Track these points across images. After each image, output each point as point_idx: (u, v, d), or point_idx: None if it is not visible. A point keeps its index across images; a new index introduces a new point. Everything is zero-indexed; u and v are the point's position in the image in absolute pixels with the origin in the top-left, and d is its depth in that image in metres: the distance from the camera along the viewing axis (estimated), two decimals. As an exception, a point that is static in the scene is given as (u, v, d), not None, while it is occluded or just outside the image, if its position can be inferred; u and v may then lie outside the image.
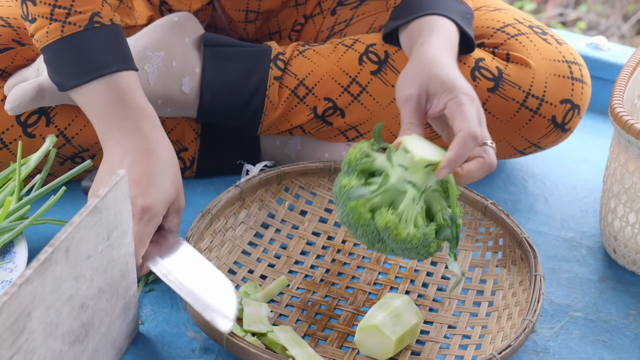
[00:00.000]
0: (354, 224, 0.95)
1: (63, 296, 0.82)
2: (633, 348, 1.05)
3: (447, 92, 0.99)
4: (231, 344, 0.92)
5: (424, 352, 1.01)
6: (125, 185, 0.90)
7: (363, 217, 0.93)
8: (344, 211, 0.95)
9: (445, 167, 0.93)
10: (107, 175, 1.01)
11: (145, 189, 0.99)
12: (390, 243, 0.94)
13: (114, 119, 1.02)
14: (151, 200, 0.99)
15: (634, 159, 1.08)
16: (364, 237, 0.96)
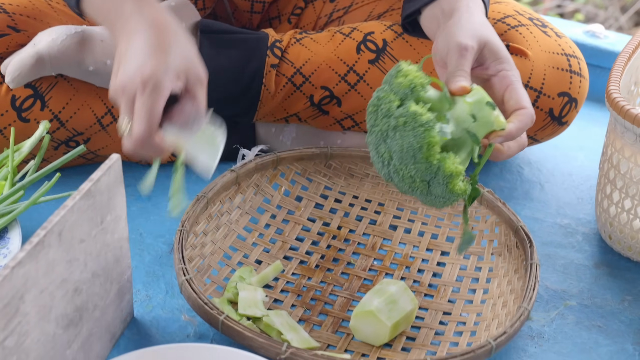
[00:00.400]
0: (416, 157, 0.89)
1: (56, 280, 0.81)
2: (628, 333, 1.05)
3: (500, 61, 0.97)
4: (226, 327, 0.92)
5: (418, 338, 1.01)
6: (119, 169, 0.90)
7: (433, 155, 0.88)
8: (413, 139, 0.89)
9: (503, 136, 0.92)
10: (116, 65, 0.94)
11: (143, 61, 0.90)
12: (436, 188, 0.90)
13: (123, 9, 0.95)
14: (150, 69, 0.89)
15: (630, 145, 1.08)
16: (411, 171, 0.90)
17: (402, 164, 0.91)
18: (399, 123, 0.90)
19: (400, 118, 0.90)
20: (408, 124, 0.89)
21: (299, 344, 0.96)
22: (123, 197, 0.92)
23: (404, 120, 0.89)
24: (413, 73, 0.92)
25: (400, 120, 0.90)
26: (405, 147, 0.89)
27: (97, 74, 1.16)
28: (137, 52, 0.90)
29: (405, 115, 0.89)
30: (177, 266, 0.98)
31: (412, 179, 0.91)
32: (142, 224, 1.16)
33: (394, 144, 0.91)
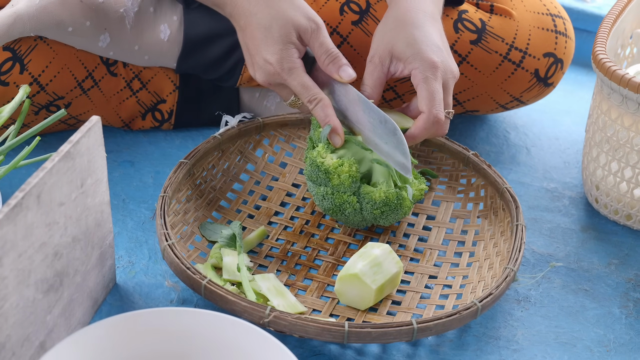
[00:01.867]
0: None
1: (35, 243, 0.80)
2: (614, 296, 1.05)
3: (412, 58, 1.02)
4: (209, 292, 0.91)
5: (404, 302, 1.00)
6: (99, 132, 0.88)
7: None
8: None
9: None
10: (248, 56, 1.06)
11: (267, 53, 1.02)
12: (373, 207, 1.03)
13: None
14: (276, 59, 1.02)
15: (617, 106, 1.07)
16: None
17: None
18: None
19: None
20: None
21: (286, 309, 0.95)
22: (103, 160, 0.91)
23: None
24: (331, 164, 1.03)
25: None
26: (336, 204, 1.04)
27: (77, 35, 1.14)
28: (260, 42, 1.02)
29: None
30: (159, 232, 0.97)
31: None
32: (124, 189, 1.15)
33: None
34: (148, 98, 1.22)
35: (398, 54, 1.03)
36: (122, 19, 1.15)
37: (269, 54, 1.01)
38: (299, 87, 1.02)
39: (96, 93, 1.19)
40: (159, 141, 1.24)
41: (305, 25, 1.02)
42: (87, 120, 0.87)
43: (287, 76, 1.01)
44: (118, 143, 1.23)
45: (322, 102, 1.02)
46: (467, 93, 1.22)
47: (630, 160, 1.09)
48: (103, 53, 1.17)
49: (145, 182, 1.16)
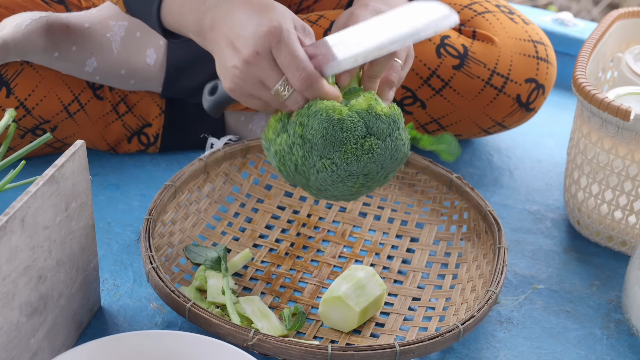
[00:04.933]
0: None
1: (19, 266, 0.81)
2: (596, 317, 1.06)
3: (350, 13, 0.93)
4: (193, 315, 0.91)
5: (387, 324, 1.01)
6: (84, 156, 0.89)
7: (339, 110, 0.87)
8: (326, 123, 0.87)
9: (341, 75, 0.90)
10: (229, 50, 0.89)
11: (257, 22, 0.86)
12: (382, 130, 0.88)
13: (208, 2, 0.92)
14: (267, 22, 0.86)
15: (597, 130, 1.08)
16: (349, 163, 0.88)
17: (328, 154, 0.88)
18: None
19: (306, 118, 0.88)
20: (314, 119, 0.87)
21: (270, 331, 0.96)
22: (88, 183, 0.91)
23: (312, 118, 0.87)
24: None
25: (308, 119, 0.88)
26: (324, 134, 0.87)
27: (63, 60, 1.15)
28: (245, 19, 0.87)
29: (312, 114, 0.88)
30: (144, 254, 0.97)
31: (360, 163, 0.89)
32: (110, 212, 1.15)
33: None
34: (134, 122, 1.23)
35: (344, 20, 0.94)
36: (108, 43, 1.17)
37: (256, 23, 0.86)
38: (288, 56, 0.86)
39: (82, 117, 1.20)
40: (145, 164, 1.25)
41: (299, 21, 0.91)
42: (73, 144, 0.88)
43: (278, 38, 0.85)
44: (104, 166, 1.23)
45: (311, 76, 0.87)
46: (450, 118, 1.24)
47: (610, 182, 1.10)
48: (89, 77, 1.18)
49: (131, 205, 1.17)
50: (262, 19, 0.86)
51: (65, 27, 1.14)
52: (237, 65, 0.88)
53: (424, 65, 1.20)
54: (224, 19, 0.90)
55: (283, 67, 0.86)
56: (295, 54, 0.86)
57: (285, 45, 0.85)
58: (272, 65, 0.87)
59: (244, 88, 0.89)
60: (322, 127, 0.86)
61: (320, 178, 0.89)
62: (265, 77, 0.87)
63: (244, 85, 0.89)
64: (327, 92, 0.88)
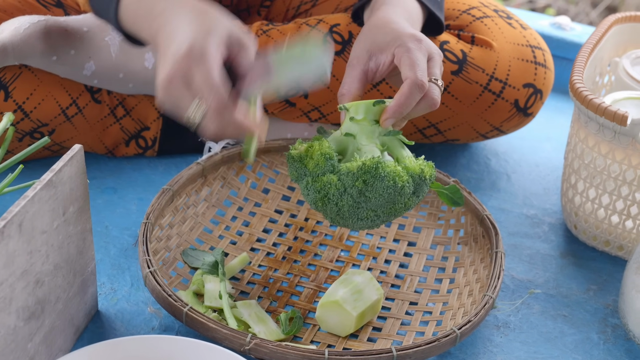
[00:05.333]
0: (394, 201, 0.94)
1: (17, 271, 0.81)
2: (593, 322, 1.06)
3: (393, 42, 0.96)
4: (190, 319, 0.91)
5: (385, 328, 1.01)
6: (81, 160, 0.89)
7: (402, 177, 0.93)
8: (387, 195, 0.93)
9: (388, 117, 0.94)
10: (160, 62, 0.87)
11: (179, 40, 0.85)
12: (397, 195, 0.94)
13: (157, 8, 0.91)
14: (188, 42, 0.84)
15: (594, 134, 1.09)
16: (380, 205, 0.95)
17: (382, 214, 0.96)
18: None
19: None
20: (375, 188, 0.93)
21: (267, 336, 0.96)
22: (86, 188, 0.91)
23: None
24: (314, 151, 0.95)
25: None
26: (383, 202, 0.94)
27: (61, 64, 1.15)
28: (173, 37, 0.86)
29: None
30: (141, 258, 0.97)
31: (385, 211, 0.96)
32: (107, 216, 1.15)
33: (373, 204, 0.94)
34: (132, 125, 1.23)
35: (377, 45, 0.97)
36: (106, 47, 1.17)
37: (182, 40, 0.85)
38: (202, 79, 0.84)
39: (80, 120, 1.20)
40: (143, 168, 1.25)
41: (237, 31, 0.89)
42: (71, 148, 0.88)
43: (195, 62, 0.84)
44: (102, 170, 1.24)
45: (218, 103, 0.84)
46: (448, 122, 1.24)
47: (607, 187, 1.10)
48: (87, 81, 1.18)
49: (129, 209, 1.17)
50: (188, 33, 0.85)
51: (63, 30, 1.14)
52: (158, 83, 0.87)
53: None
54: (163, 28, 0.89)
55: (198, 90, 0.84)
56: (208, 76, 0.83)
57: (200, 67, 0.84)
58: (185, 89, 0.85)
59: (167, 105, 0.88)
60: (387, 192, 0.93)
61: (358, 224, 0.97)
62: (179, 101, 0.86)
63: (168, 102, 0.87)
64: (240, 123, 0.85)
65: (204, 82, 0.83)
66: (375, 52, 0.97)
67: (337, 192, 0.93)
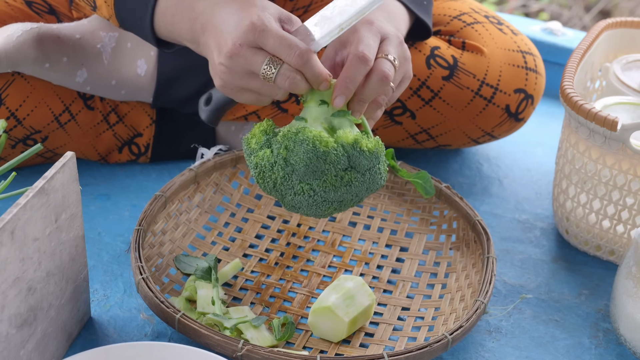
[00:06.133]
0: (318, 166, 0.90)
1: (9, 278, 0.81)
2: (584, 327, 1.06)
3: (350, 32, 0.94)
4: (182, 326, 0.91)
5: (377, 334, 1.01)
6: (73, 167, 0.89)
7: (325, 142, 0.89)
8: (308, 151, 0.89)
9: (337, 95, 0.90)
10: (216, 45, 0.92)
11: (238, 16, 0.90)
12: (360, 162, 0.91)
13: (197, 9, 0.95)
14: (249, 16, 0.89)
15: (584, 140, 1.09)
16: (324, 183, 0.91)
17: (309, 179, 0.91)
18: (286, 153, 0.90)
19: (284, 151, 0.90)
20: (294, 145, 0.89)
21: (259, 341, 0.96)
22: (78, 195, 0.92)
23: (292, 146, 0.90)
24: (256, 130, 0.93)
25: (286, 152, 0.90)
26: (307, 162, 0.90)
27: (54, 71, 1.15)
28: (228, 17, 0.91)
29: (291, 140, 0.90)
30: (133, 265, 0.98)
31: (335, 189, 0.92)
32: (100, 223, 1.16)
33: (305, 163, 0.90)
34: (125, 132, 1.24)
35: (340, 40, 0.96)
36: (99, 54, 1.17)
37: (239, 22, 0.89)
38: (276, 39, 0.88)
39: (73, 127, 1.20)
40: (136, 174, 1.25)
41: (280, 13, 0.93)
42: (63, 155, 0.88)
43: (261, 32, 0.88)
44: (95, 176, 1.24)
45: (302, 50, 0.88)
46: (440, 128, 1.25)
47: (598, 192, 1.11)
48: (80, 88, 1.18)
49: (122, 215, 1.17)
50: (242, 15, 0.89)
51: (56, 38, 1.15)
52: (222, 61, 0.90)
53: (414, 76, 1.21)
54: (211, 21, 0.93)
55: (274, 51, 0.88)
56: (283, 36, 0.88)
57: (270, 33, 0.88)
58: (255, 51, 0.89)
59: (233, 82, 0.92)
60: (307, 156, 0.89)
61: (296, 200, 0.92)
62: (250, 63, 0.89)
63: (232, 79, 0.91)
64: (320, 70, 0.89)
65: (280, 39, 0.88)
66: (339, 47, 0.97)
67: (269, 164, 0.91)
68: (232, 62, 0.90)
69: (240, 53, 0.89)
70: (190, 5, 0.96)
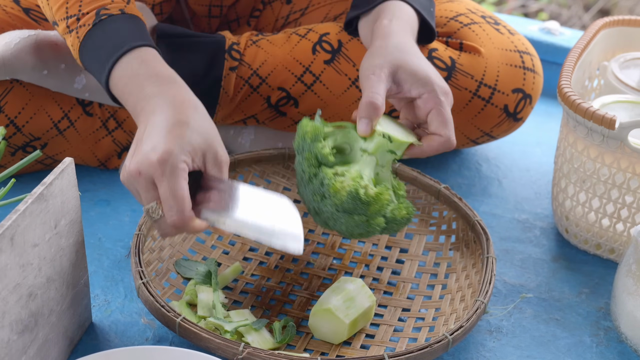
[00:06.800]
0: None
1: (9, 285, 0.81)
2: (585, 325, 1.06)
3: (420, 84, 1.00)
4: (183, 329, 0.92)
5: (377, 335, 1.01)
6: (72, 173, 0.90)
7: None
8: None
9: (417, 153, 1.00)
10: (133, 146, 0.91)
11: (157, 141, 0.88)
12: None
13: (144, 91, 0.95)
14: (164, 148, 0.87)
15: (582, 139, 1.09)
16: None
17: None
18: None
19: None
20: None
21: (260, 344, 0.96)
22: (77, 200, 0.92)
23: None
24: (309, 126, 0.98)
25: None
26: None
27: (52, 78, 1.15)
28: (153, 132, 0.89)
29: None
30: (134, 270, 0.98)
31: None
32: (100, 228, 1.16)
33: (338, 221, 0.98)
34: (124, 137, 1.24)
35: (403, 79, 1.00)
36: (96, 60, 1.17)
37: (162, 141, 0.88)
38: (168, 193, 0.87)
39: (72, 133, 1.20)
40: (135, 179, 1.25)
41: (216, 151, 0.92)
42: (62, 162, 0.88)
43: (163, 173, 0.87)
44: (94, 182, 1.24)
45: (186, 221, 0.88)
46: (438, 128, 1.25)
47: (597, 191, 1.11)
48: (79, 94, 1.19)
49: (122, 221, 1.18)
50: (161, 141, 0.88)
51: (54, 45, 1.15)
52: (126, 168, 0.90)
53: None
54: (145, 116, 0.92)
55: (161, 199, 0.88)
56: (174, 193, 0.87)
57: (166, 181, 0.87)
58: (149, 187, 0.88)
59: (129, 187, 0.91)
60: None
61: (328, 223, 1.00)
62: (141, 194, 0.90)
63: (129, 186, 0.91)
64: (195, 231, 0.90)
65: (171, 195, 0.87)
66: (399, 77, 1.01)
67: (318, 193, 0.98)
68: (129, 178, 0.89)
69: (137, 179, 0.88)
70: (140, 84, 0.94)
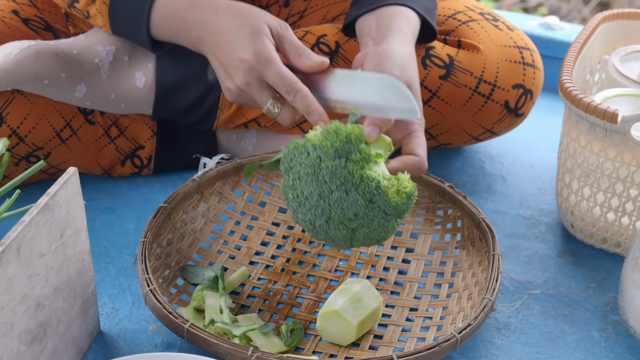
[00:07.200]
0: None
1: (17, 296, 0.81)
2: (593, 320, 1.06)
3: (410, 130, 1.03)
4: (192, 335, 0.92)
5: (386, 336, 1.01)
6: (76, 182, 0.90)
7: None
8: None
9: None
10: (222, 69, 1.04)
11: (242, 51, 1.01)
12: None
13: (193, 19, 1.05)
14: (251, 52, 1.00)
15: (585, 133, 1.09)
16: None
17: None
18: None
19: None
20: None
21: (269, 348, 0.96)
22: (82, 210, 0.92)
23: None
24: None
25: None
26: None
27: (53, 87, 1.16)
28: (232, 46, 1.01)
29: None
30: (141, 277, 0.98)
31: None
32: (106, 236, 1.16)
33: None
34: (126, 145, 1.24)
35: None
36: (97, 69, 1.17)
37: (242, 50, 1.00)
38: (276, 78, 0.99)
39: (75, 142, 1.21)
40: (139, 187, 1.25)
41: (275, 23, 1.03)
42: (65, 171, 0.89)
43: (264, 67, 0.99)
44: (99, 190, 1.24)
45: (302, 91, 0.99)
46: (440, 127, 1.25)
47: (601, 185, 1.11)
48: (80, 103, 1.19)
49: (127, 228, 1.18)
50: (244, 47, 1.01)
51: (54, 54, 1.15)
52: (231, 88, 1.03)
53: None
54: (208, 38, 1.04)
55: (274, 86, 1.00)
56: (282, 74, 0.99)
57: (270, 70, 1.00)
58: (262, 88, 1.01)
59: (241, 102, 1.05)
60: None
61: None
62: (257, 99, 1.02)
63: (241, 101, 1.05)
64: (316, 108, 0.99)
65: (278, 77, 0.99)
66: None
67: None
68: (241, 93, 1.03)
69: (248, 89, 1.01)
70: (181, 16, 1.05)
